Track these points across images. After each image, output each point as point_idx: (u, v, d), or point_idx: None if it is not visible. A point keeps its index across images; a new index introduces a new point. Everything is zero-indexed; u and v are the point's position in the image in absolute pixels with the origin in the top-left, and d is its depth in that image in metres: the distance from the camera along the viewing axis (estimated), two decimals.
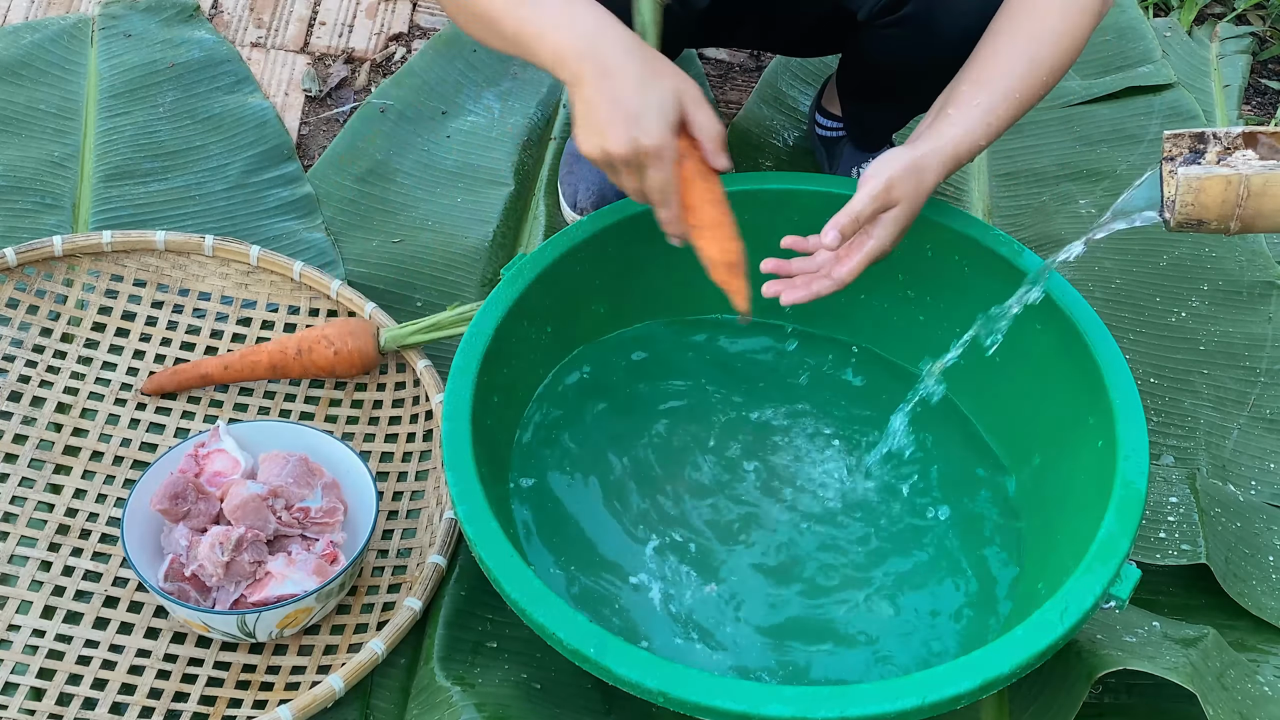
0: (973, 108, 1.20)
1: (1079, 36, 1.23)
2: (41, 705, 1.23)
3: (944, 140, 1.20)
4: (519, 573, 1.11)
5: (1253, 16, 2.14)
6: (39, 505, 1.37)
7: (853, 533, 1.32)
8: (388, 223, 1.69)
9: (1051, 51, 1.22)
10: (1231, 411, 1.55)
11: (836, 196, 1.37)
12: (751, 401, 1.42)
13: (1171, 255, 1.69)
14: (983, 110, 1.21)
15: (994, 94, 1.21)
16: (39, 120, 1.75)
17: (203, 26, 1.92)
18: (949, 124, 1.20)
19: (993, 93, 1.21)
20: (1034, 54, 1.22)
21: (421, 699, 1.25)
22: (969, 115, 1.20)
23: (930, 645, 1.24)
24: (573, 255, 1.36)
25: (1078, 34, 1.23)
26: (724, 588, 1.28)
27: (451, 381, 1.24)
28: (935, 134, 1.20)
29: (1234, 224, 1.08)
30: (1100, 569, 1.11)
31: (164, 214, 1.65)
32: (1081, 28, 1.23)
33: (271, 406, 1.47)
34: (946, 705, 1.04)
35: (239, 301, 1.55)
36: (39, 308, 1.51)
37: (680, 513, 1.33)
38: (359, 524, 1.32)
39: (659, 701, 1.05)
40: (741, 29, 1.53)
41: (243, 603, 1.26)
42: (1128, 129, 1.87)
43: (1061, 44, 1.23)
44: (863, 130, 1.67)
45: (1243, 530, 1.40)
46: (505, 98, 1.87)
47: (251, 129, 1.78)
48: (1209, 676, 1.19)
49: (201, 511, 1.29)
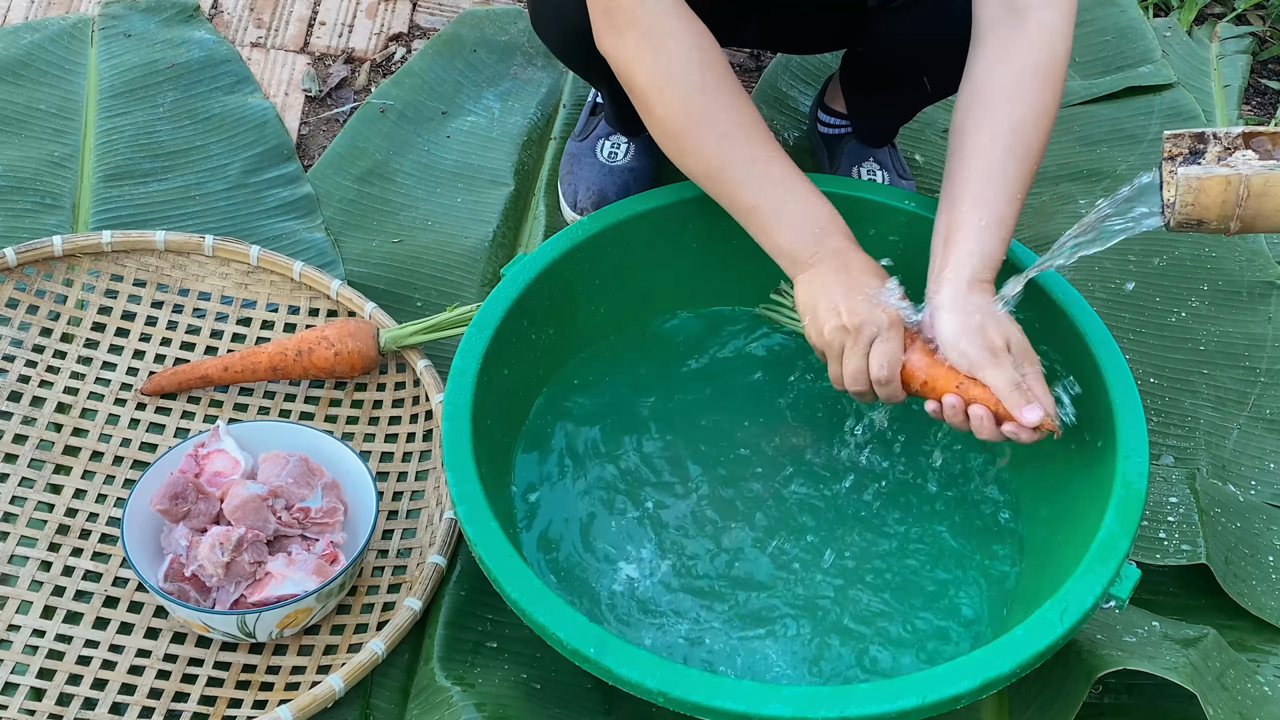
0: (981, 228, 1.19)
1: (1053, 107, 1.22)
2: (41, 705, 1.23)
3: (978, 273, 1.18)
4: (519, 573, 1.11)
5: (1253, 16, 2.14)
6: (39, 505, 1.37)
7: (853, 532, 1.32)
8: (388, 223, 1.69)
9: (1035, 136, 1.21)
10: (1231, 411, 1.55)
11: (836, 197, 1.37)
12: (753, 399, 1.42)
13: (1171, 255, 1.69)
14: (994, 223, 1.19)
15: (999, 205, 1.20)
16: (39, 120, 1.75)
17: (203, 26, 1.92)
18: (967, 254, 1.19)
19: (996, 204, 1.20)
20: (1023, 149, 1.21)
21: (421, 699, 1.25)
22: (984, 238, 1.19)
23: (930, 645, 1.24)
24: (573, 255, 1.36)
25: (1052, 106, 1.22)
26: (724, 587, 1.28)
27: (451, 381, 1.24)
28: (957, 265, 1.19)
29: (1234, 224, 1.08)
30: (1100, 569, 1.11)
31: (164, 214, 1.65)
32: (1054, 97, 1.22)
33: (271, 406, 1.47)
34: (946, 705, 1.04)
35: (239, 301, 1.55)
36: (39, 308, 1.51)
37: (681, 512, 1.33)
38: (359, 524, 1.32)
39: (659, 701, 1.05)
40: (743, 26, 1.53)
41: (243, 603, 1.26)
42: (1128, 129, 1.87)
43: (1042, 124, 1.22)
44: (869, 124, 1.67)
45: (1243, 530, 1.40)
46: (505, 98, 1.87)
47: (251, 129, 1.78)
48: (1209, 676, 1.19)
49: (201, 512, 1.29)
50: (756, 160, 1.22)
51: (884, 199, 1.40)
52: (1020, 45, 1.22)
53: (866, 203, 1.39)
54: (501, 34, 1.95)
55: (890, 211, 1.39)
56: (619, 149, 1.68)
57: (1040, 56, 1.22)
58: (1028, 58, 1.22)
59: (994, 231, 1.19)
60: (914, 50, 1.42)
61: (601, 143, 1.69)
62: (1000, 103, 1.22)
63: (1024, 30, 1.22)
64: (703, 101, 1.22)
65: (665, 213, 1.39)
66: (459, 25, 1.96)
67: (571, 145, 1.72)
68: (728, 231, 1.29)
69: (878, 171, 1.69)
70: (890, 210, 1.39)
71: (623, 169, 1.67)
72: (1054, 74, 1.22)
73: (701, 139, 1.23)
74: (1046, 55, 1.22)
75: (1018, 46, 1.22)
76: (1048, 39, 1.22)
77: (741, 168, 1.22)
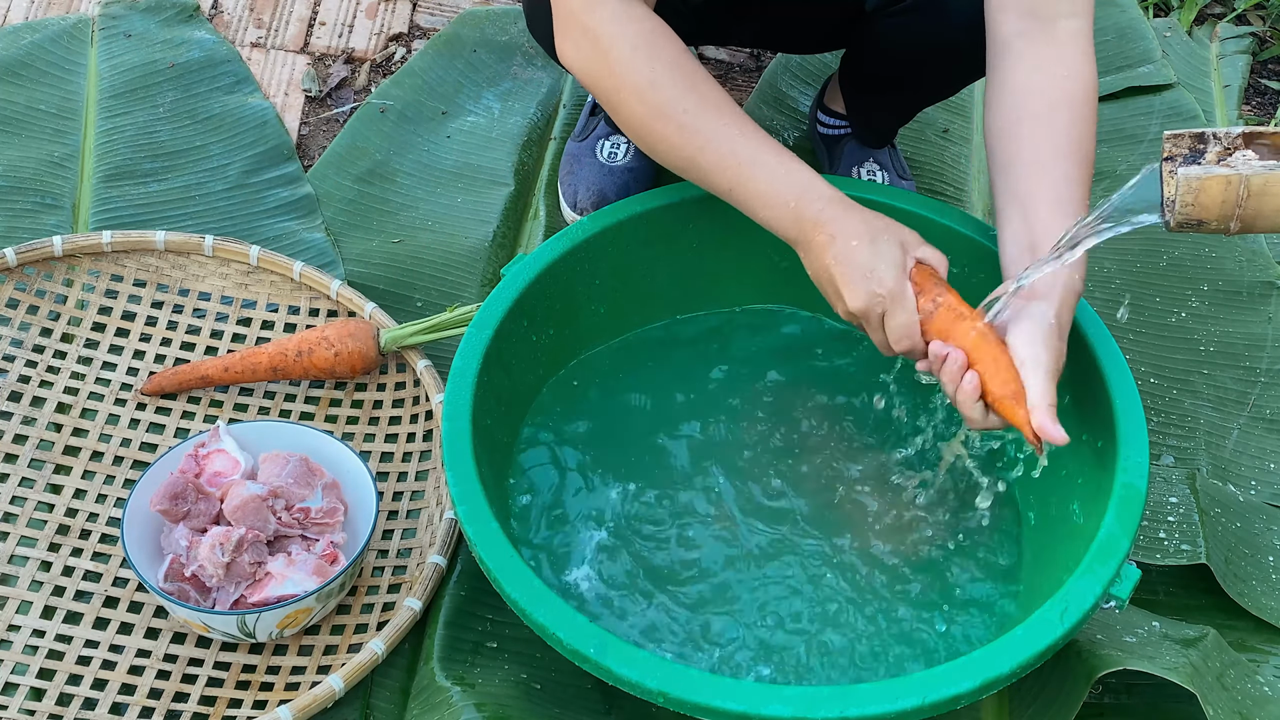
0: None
1: (1096, 114, 1.22)
2: (41, 705, 1.23)
3: (1063, 288, 1.15)
4: (519, 573, 1.11)
5: (1253, 16, 2.14)
6: (39, 505, 1.37)
7: (852, 532, 1.32)
8: (388, 223, 1.69)
9: (1091, 144, 1.20)
10: (1231, 411, 1.55)
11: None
12: (754, 398, 1.42)
13: (1171, 255, 1.69)
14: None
15: (1074, 214, 1.16)
16: (39, 120, 1.75)
17: (203, 26, 1.92)
18: (1067, 268, 1.15)
19: (1072, 214, 1.16)
20: (1084, 158, 1.19)
21: (421, 699, 1.25)
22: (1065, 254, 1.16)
23: (929, 645, 1.24)
24: (573, 255, 1.36)
25: (1096, 113, 1.22)
26: (723, 586, 1.28)
27: (451, 382, 1.24)
28: (1049, 285, 1.14)
29: (1234, 224, 1.07)
30: (1100, 569, 1.11)
31: (164, 214, 1.65)
32: (1096, 105, 1.21)
33: (271, 407, 1.47)
34: (946, 705, 1.04)
35: (239, 301, 1.55)
36: (39, 308, 1.51)
37: (681, 512, 1.33)
38: (359, 524, 1.32)
39: (659, 701, 1.05)
40: (741, 26, 1.53)
41: (243, 603, 1.26)
42: (1128, 129, 1.87)
43: (1094, 131, 1.21)
44: (868, 126, 1.67)
45: (1243, 530, 1.40)
46: (505, 98, 1.87)
47: (251, 129, 1.78)
48: (1209, 676, 1.19)
49: (201, 512, 1.29)
50: (720, 142, 1.19)
51: (884, 199, 1.40)
52: (1058, 56, 1.21)
53: (867, 203, 1.37)
54: (501, 34, 1.95)
55: (890, 212, 1.38)
56: (619, 149, 1.68)
57: (1080, 68, 1.21)
58: (1068, 69, 1.20)
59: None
60: (912, 54, 1.42)
61: (601, 143, 1.69)
62: (1054, 114, 1.19)
63: (1056, 40, 1.21)
64: (655, 97, 1.19)
65: (665, 213, 1.39)
66: (459, 25, 1.96)
67: (571, 145, 1.72)
68: (728, 231, 1.29)
69: (878, 172, 1.69)
70: (890, 211, 1.38)
71: (623, 169, 1.67)
72: (1094, 83, 1.22)
73: (663, 134, 1.20)
74: (1086, 65, 1.21)
75: (1055, 57, 1.21)
76: (1083, 48, 1.21)
77: (707, 154, 1.19)
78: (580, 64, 1.22)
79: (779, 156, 1.19)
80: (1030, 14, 1.21)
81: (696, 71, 1.20)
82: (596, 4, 1.19)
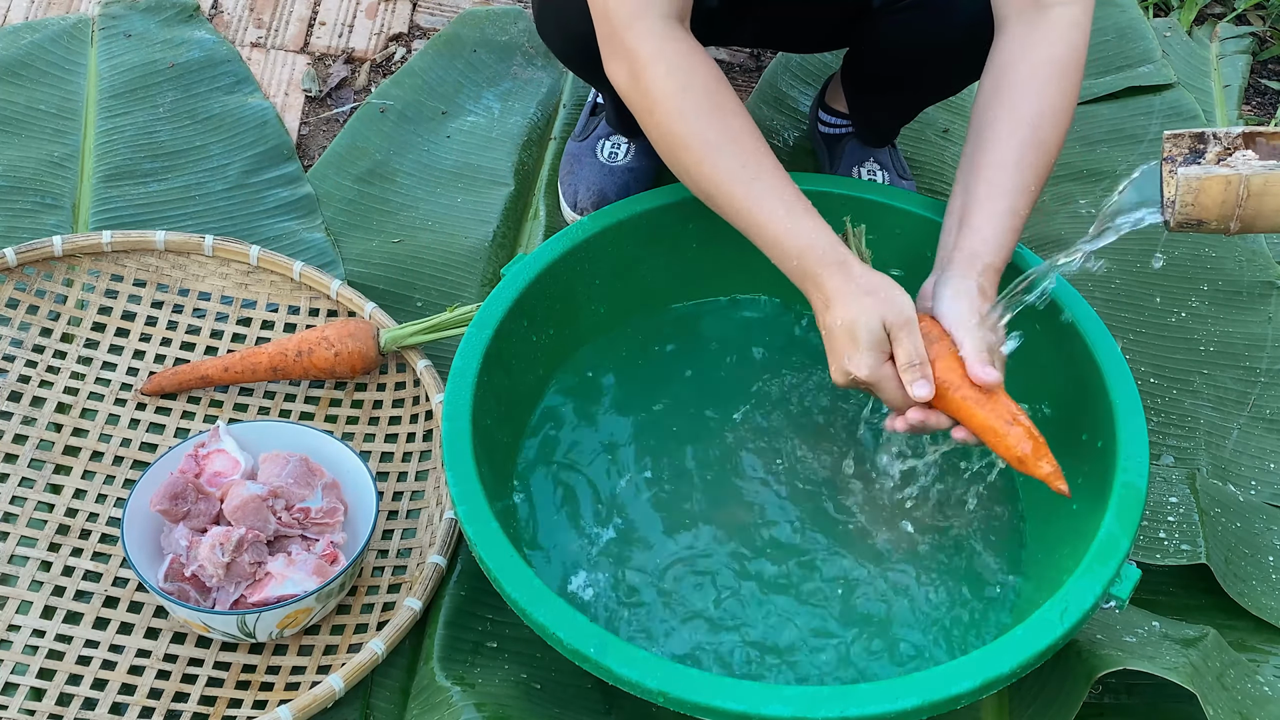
0: (995, 216, 1.20)
1: (1072, 103, 1.23)
2: (41, 705, 1.23)
3: (984, 256, 1.20)
4: (519, 573, 1.11)
5: (1253, 16, 2.14)
6: (39, 505, 1.37)
7: (853, 532, 1.32)
8: (388, 223, 1.69)
9: (1053, 131, 1.22)
10: (1231, 411, 1.55)
11: (837, 197, 1.37)
12: (755, 398, 1.42)
13: (1171, 255, 1.69)
14: (1007, 213, 1.20)
15: (1014, 195, 1.20)
16: (39, 120, 1.75)
17: (203, 26, 1.92)
18: (980, 240, 1.20)
19: (1012, 195, 1.20)
20: (1041, 142, 1.21)
21: (421, 699, 1.25)
22: (996, 225, 1.20)
23: (930, 645, 1.24)
24: (573, 255, 1.36)
25: (1071, 102, 1.23)
26: (723, 586, 1.28)
27: (451, 382, 1.24)
28: (970, 253, 1.19)
29: (1234, 224, 1.08)
30: (1100, 569, 1.11)
31: (164, 214, 1.65)
32: (1073, 93, 1.23)
33: (271, 407, 1.47)
34: (946, 705, 1.04)
35: (239, 301, 1.55)
36: (39, 308, 1.51)
37: (681, 512, 1.33)
38: (359, 524, 1.32)
39: (659, 701, 1.05)
40: (744, 26, 1.53)
41: (243, 603, 1.26)
42: (1128, 129, 1.87)
43: (1060, 120, 1.23)
44: (870, 125, 1.67)
45: (1243, 530, 1.40)
46: (505, 98, 1.87)
47: (251, 129, 1.78)
48: (1209, 676, 1.19)
49: (201, 512, 1.29)
50: (733, 185, 1.21)
51: (884, 199, 1.40)
52: (1042, 38, 1.23)
53: (867, 203, 1.39)
54: (501, 34, 1.95)
55: (891, 212, 1.39)
56: (619, 149, 1.68)
57: (1061, 52, 1.23)
58: (1049, 52, 1.23)
59: (1006, 221, 1.20)
60: (913, 53, 1.42)
61: (602, 143, 1.69)
62: (1021, 95, 1.23)
63: (1046, 23, 1.23)
64: (682, 127, 1.21)
65: (665, 213, 1.39)
66: (459, 25, 1.96)
67: (572, 145, 1.72)
68: (728, 232, 1.28)
69: (878, 171, 1.69)
70: (891, 210, 1.39)
71: (623, 169, 1.67)
72: (1074, 69, 1.24)
73: (684, 164, 1.23)
74: (1067, 50, 1.23)
75: (1040, 39, 1.23)
76: (1069, 34, 1.23)
77: (721, 195, 1.22)
78: (620, 81, 1.24)
79: (787, 207, 1.20)
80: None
81: (726, 103, 1.22)
82: (636, 19, 1.21)
